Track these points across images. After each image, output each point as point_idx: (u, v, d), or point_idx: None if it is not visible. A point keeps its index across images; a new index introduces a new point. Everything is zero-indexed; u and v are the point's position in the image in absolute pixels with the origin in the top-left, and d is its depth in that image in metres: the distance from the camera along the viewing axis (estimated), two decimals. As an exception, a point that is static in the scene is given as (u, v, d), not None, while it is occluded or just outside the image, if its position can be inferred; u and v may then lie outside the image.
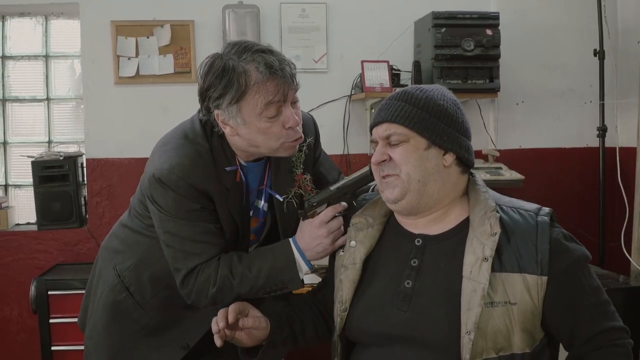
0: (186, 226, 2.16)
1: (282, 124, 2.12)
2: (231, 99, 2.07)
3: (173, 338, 2.38)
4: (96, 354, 2.45)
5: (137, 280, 2.38)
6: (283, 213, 2.35)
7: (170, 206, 2.15)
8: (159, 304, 2.38)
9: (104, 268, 2.47)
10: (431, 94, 1.96)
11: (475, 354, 1.75)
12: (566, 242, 1.87)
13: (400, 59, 4.59)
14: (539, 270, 1.80)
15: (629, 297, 3.65)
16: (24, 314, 4.51)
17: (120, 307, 2.39)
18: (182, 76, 4.55)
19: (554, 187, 4.77)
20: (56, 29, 4.82)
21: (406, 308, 1.88)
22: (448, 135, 1.92)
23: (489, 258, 1.79)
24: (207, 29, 4.56)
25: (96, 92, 4.53)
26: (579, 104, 4.86)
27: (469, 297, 1.77)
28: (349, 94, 4.65)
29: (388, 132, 1.94)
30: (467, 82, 4.25)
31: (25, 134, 4.86)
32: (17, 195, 4.88)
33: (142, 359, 2.39)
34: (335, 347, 2.06)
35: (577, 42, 4.80)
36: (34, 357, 4.36)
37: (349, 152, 4.67)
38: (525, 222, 1.87)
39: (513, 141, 4.83)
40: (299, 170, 2.35)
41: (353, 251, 2.05)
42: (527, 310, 1.79)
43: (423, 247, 1.95)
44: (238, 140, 2.17)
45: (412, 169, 1.91)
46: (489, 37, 4.22)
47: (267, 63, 2.06)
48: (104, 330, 2.42)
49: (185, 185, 2.12)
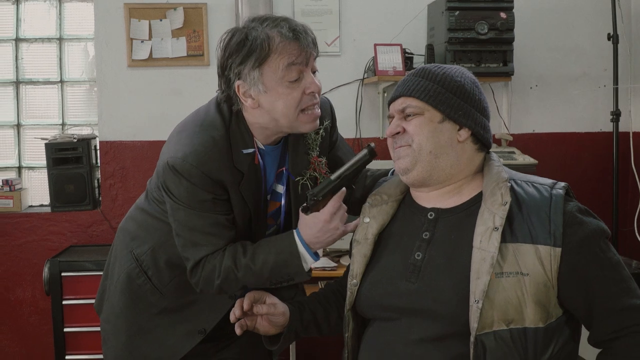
0: (196, 216, 2.16)
1: (302, 89, 2.12)
2: (253, 64, 2.08)
3: (190, 322, 2.38)
4: (114, 337, 2.45)
5: (154, 265, 2.38)
6: (297, 195, 2.34)
7: (183, 195, 2.15)
8: (176, 287, 2.38)
9: (120, 251, 2.48)
10: (449, 70, 1.97)
11: (485, 325, 1.73)
12: (581, 215, 1.83)
13: (413, 43, 4.58)
14: (552, 242, 1.77)
15: (641, 281, 3.64)
16: (37, 295, 4.54)
17: (138, 291, 2.40)
18: (195, 59, 4.55)
19: (567, 172, 4.75)
20: (70, 11, 4.82)
21: (415, 280, 1.88)
22: (464, 110, 1.93)
23: (499, 227, 1.78)
24: (220, 12, 4.56)
25: (109, 75, 4.54)
26: (592, 88, 4.83)
27: (478, 265, 1.77)
28: (362, 78, 4.64)
29: (403, 105, 1.96)
30: (481, 66, 4.23)
31: (39, 116, 4.88)
32: (31, 177, 4.90)
33: (159, 342, 2.39)
34: (346, 321, 2.07)
35: (591, 26, 4.76)
36: (46, 339, 4.40)
37: (361, 136, 4.66)
38: (539, 195, 1.86)
39: (526, 125, 4.82)
40: (314, 153, 2.34)
41: (366, 227, 2.07)
42: (540, 282, 1.76)
43: (435, 220, 1.96)
44: (258, 114, 2.17)
45: (424, 140, 1.92)
46: (503, 20, 4.20)
47: (290, 27, 2.10)
48: (121, 314, 2.43)
49: (199, 174, 2.12)
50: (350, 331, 2.07)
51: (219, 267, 2.15)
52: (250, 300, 2.08)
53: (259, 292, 2.14)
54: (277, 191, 2.37)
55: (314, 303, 2.24)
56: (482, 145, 1.99)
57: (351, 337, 2.07)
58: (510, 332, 1.75)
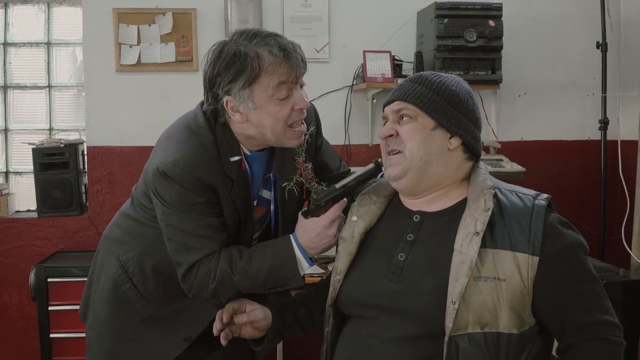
0: (189, 220, 2.16)
1: (291, 105, 2.15)
2: (243, 83, 2.09)
3: (175, 330, 2.38)
4: (98, 345, 2.45)
5: (140, 271, 2.38)
6: (284, 200, 2.36)
7: (174, 199, 2.15)
8: (161, 295, 2.37)
9: (106, 258, 2.47)
10: (445, 79, 2.01)
11: (459, 326, 1.76)
12: (561, 227, 1.87)
13: (402, 50, 4.59)
14: (530, 250, 1.80)
15: (628, 290, 3.65)
16: (23, 301, 4.52)
17: (123, 298, 2.39)
18: (183, 65, 4.54)
19: (555, 180, 4.76)
20: (58, 16, 4.81)
21: (397, 280, 1.91)
22: (456, 119, 1.96)
23: (480, 232, 1.81)
24: (209, 17, 4.56)
25: (97, 80, 4.52)
26: (581, 97, 4.86)
27: (457, 268, 1.80)
28: (351, 84, 4.65)
29: (399, 107, 1.99)
30: (469, 73, 4.24)
31: (26, 121, 4.86)
32: (18, 182, 4.88)
33: (144, 350, 2.38)
34: (327, 316, 2.10)
35: (580, 35, 4.79)
36: (32, 344, 4.38)
37: (350, 143, 4.66)
38: (522, 204, 1.89)
39: (515, 133, 4.84)
40: (300, 159, 2.35)
41: (353, 225, 2.10)
42: (516, 289, 1.79)
43: (420, 222, 1.99)
44: (247, 127, 2.18)
45: (416, 146, 1.95)
46: (491, 28, 4.22)
47: (280, 45, 2.12)
48: (106, 321, 2.42)
49: (190, 179, 2.12)
50: (330, 326, 2.10)
51: (214, 271, 2.15)
52: (229, 312, 2.13)
53: (238, 301, 2.18)
54: (264, 197, 2.38)
55: (297, 304, 2.28)
56: (472, 154, 2.03)
57: (331, 332, 2.10)
58: (484, 336, 1.77)
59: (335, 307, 2.09)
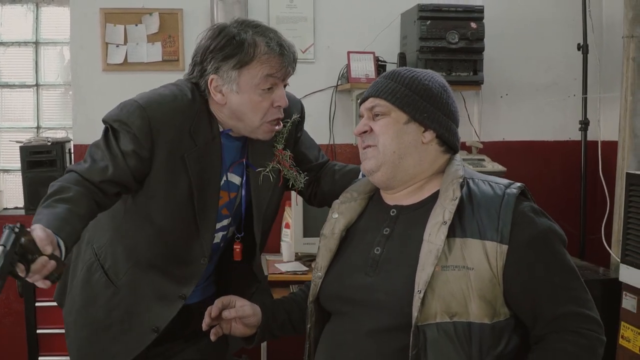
0: (101, 152, 2.17)
1: (272, 101, 2.20)
2: (234, 65, 2.14)
3: (143, 320, 2.38)
4: (75, 331, 2.47)
5: (112, 256, 2.40)
6: (257, 185, 2.37)
7: (109, 120, 2.19)
8: (129, 281, 2.38)
9: (82, 246, 2.50)
10: (418, 74, 2.03)
11: (428, 316, 1.77)
12: (533, 214, 1.87)
13: (386, 51, 4.64)
14: (498, 238, 1.80)
15: (607, 288, 3.71)
16: (11, 297, 4.55)
17: (96, 286, 2.41)
18: (170, 64, 4.58)
19: (536, 180, 4.75)
20: (47, 15, 4.85)
21: (372, 273, 1.93)
22: (429, 113, 1.97)
23: (447, 221, 1.82)
24: (195, 17, 4.59)
25: (84, 79, 4.56)
26: (562, 98, 4.90)
27: (424, 258, 1.81)
28: (335, 85, 4.69)
29: (372, 105, 2.02)
30: (451, 74, 4.30)
31: (14, 119, 4.90)
32: (6, 180, 4.92)
33: (116, 338, 2.40)
34: (309, 313, 2.12)
35: (562, 36, 4.84)
36: (19, 340, 4.39)
37: (335, 142, 4.71)
38: (492, 192, 1.89)
39: (496, 133, 4.89)
40: (280, 146, 2.38)
41: (334, 222, 2.13)
42: (485, 278, 1.79)
43: (396, 217, 2.01)
44: (225, 110, 2.22)
45: (389, 140, 1.98)
46: (473, 30, 4.28)
47: (278, 41, 2.18)
48: (81, 309, 2.44)
49: (141, 116, 2.14)
50: (312, 323, 2.12)
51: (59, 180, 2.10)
52: (218, 307, 2.13)
53: (227, 297, 2.18)
54: (233, 182, 2.38)
55: (289, 302, 2.29)
56: (448, 147, 2.04)
57: (313, 328, 2.12)
58: (454, 326, 1.77)
59: (318, 303, 2.10)
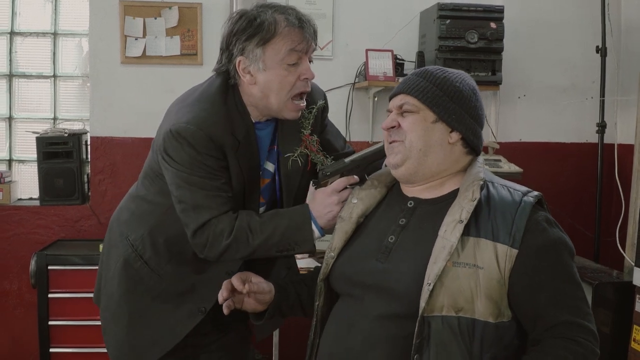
0: (199, 179, 2.23)
1: (298, 74, 2.27)
2: (257, 42, 2.22)
3: (189, 302, 2.43)
4: (114, 323, 2.49)
5: (152, 247, 2.42)
6: (287, 170, 2.43)
7: (185, 160, 2.22)
8: (173, 269, 2.43)
9: (115, 241, 2.52)
10: (450, 75, 2.05)
11: (434, 307, 1.81)
12: (546, 224, 1.90)
13: (404, 49, 4.64)
14: (510, 242, 1.84)
15: (621, 291, 3.71)
16: (23, 288, 4.55)
17: (136, 276, 2.44)
18: (188, 58, 4.59)
19: (552, 181, 4.79)
20: (65, 6, 4.85)
21: (384, 260, 1.98)
22: (457, 114, 2.00)
23: (464, 220, 1.86)
24: (214, 11, 4.60)
25: (102, 71, 4.57)
26: (580, 100, 4.89)
27: (437, 252, 1.85)
28: (353, 82, 4.69)
29: (402, 102, 2.04)
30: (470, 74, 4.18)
31: (30, 110, 4.91)
32: (21, 170, 4.92)
33: (160, 324, 2.43)
34: (318, 290, 2.16)
35: (581, 39, 4.82)
36: (31, 332, 4.39)
37: (351, 140, 4.68)
38: (510, 198, 1.93)
39: (513, 134, 4.88)
40: (307, 131, 2.44)
41: (352, 206, 2.18)
42: (493, 278, 1.83)
43: (414, 208, 2.05)
44: (254, 90, 2.28)
45: (415, 138, 2.01)
46: (492, 30, 4.27)
47: (297, 15, 2.25)
48: (120, 300, 2.46)
49: (202, 136, 2.20)
50: (321, 301, 2.15)
51: (230, 228, 2.21)
52: (239, 280, 2.14)
53: (245, 272, 2.21)
54: (267, 169, 2.45)
55: (301, 284, 2.33)
56: (472, 149, 2.06)
57: (322, 306, 2.16)
58: (459, 320, 1.82)
59: (328, 283, 2.15)
